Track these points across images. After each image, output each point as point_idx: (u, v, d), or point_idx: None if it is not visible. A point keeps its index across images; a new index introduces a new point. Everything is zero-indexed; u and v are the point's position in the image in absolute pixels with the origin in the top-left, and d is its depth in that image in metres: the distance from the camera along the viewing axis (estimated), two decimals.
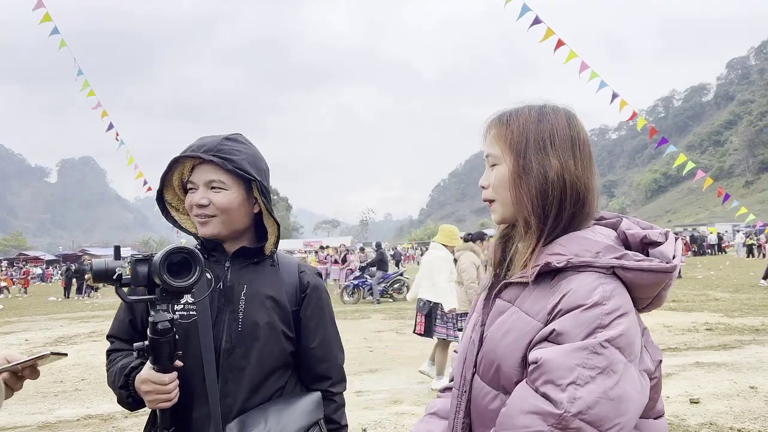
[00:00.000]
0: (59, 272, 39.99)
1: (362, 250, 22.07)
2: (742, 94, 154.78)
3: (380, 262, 17.46)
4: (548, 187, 1.22)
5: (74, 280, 26.52)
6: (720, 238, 42.16)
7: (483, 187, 1.33)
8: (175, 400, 1.50)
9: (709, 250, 40.98)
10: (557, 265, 1.18)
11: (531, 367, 1.13)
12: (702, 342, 8.71)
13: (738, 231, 42.40)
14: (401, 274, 17.87)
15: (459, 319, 6.70)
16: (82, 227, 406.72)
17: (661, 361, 1.26)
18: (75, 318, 16.37)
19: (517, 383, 1.17)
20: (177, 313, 1.60)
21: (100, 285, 29.56)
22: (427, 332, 6.79)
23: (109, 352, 1.74)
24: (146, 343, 1.44)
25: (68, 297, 25.78)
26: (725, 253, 40.57)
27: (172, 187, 1.71)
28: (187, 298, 1.60)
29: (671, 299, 13.45)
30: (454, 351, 1.59)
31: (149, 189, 9.29)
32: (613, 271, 1.17)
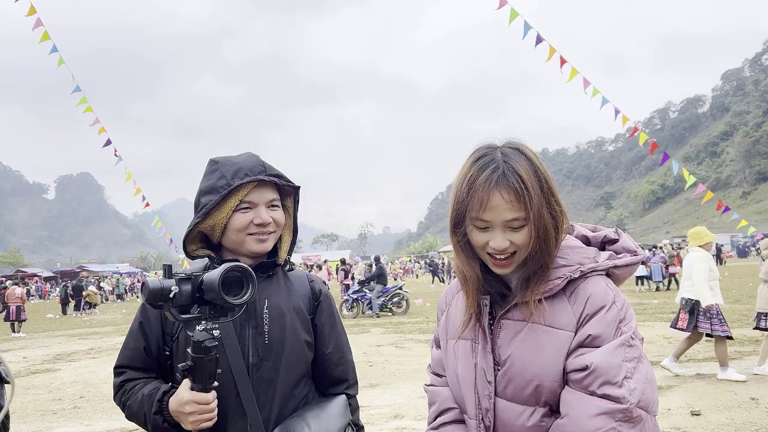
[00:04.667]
0: (57, 289, 39.80)
1: (371, 266, 21.34)
2: (737, 105, 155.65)
3: (380, 276, 17.43)
4: (557, 219, 1.34)
5: (71, 297, 26.42)
6: (719, 249, 42.17)
7: (504, 249, 1.32)
8: (215, 419, 1.51)
9: None
10: (574, 276, 1.31)
11: (580, 374, 1.23)
12: (702, 353, 8.69)
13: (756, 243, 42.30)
14: (400, 288, 17.82)
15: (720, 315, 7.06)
16: (80, 243, 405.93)
17: None
18: (73, 335, 16.30)
19: (559, 394, 1.27)
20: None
21: (99, 302, 29.54)
22: (688, 328, 7.21)
23: (121, 383, 1.70)
24: (189, 362, 1.44)
25: (66, 314, 25.66)
26: (724, 264, 40.56)
27: (214, 214, 1.65)
28: None
29: (671, 311, 13.41)
30: (427, 385, 1.60)
31: (147, 205, 9.31)
32: (607, 271, 1.36)
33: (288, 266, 1.82)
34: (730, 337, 7.08)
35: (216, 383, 1.50)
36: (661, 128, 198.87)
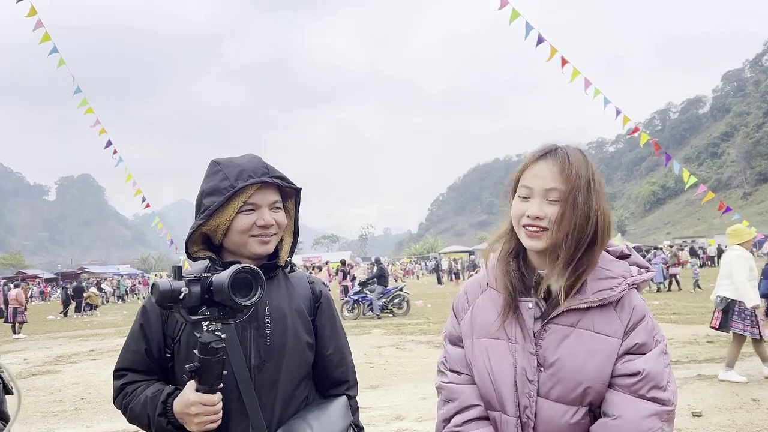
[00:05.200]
0: (58, 291, 39.81)
1: (374, 264, 21.33)
2: (738, 106, 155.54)
3: (380, 278, 17.44)
4: (601, 222, 1.42)
5: (72, 298, 26.40)
6: (720, 250, 42.14)
7: (537, 217, 1.42)
8: (220, 421, 1.52)
9: (709, 262, 40.94)
10: (629, 288, 1.43)
11: (631, 380, 1.36)
12: (703, 354, 8.68)
13: None
14: (401, 289, 17.81)
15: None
16: (80, 245, 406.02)
17: None
18: (74, 336, 16.29)
19: (602, 396, 1.39)
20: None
21: (100, 303, 29.55)
22: (723, 326, 7.10)
23: (122, 386, 1.69)
24: (196, 364, 1.45)
25: (67, 315, 25.67)
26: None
27: (217, 216, 1.66)
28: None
29: (672, 312, 13.43)
30: (444, 382, 1.60)
31: (147, 206, 9.32)
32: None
33: (289, 268, 1.82)
34: (759, 339, 6.93)
35: (221, 384, 1.50)
36: (661, 129, 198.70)
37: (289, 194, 1.79)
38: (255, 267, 1.43)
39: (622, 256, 1.52)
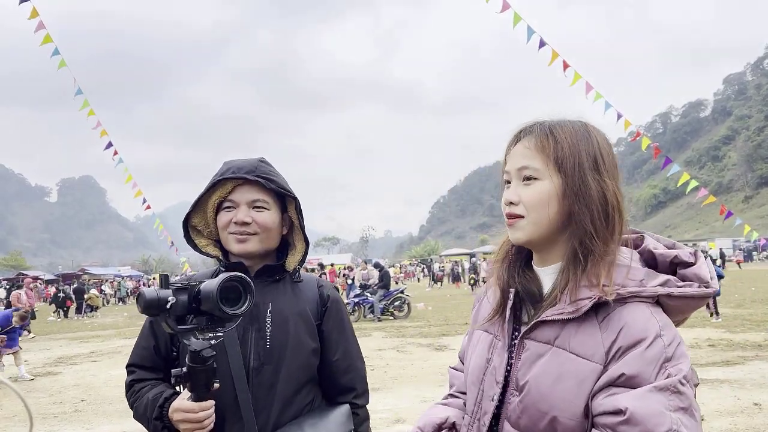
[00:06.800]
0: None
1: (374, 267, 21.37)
2: (739, 109, 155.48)
3: (383, 281, 17.46)
4: (609, 209, 1.14)
5: (69, 300, 26.37)
6: (723, 253, 42.12)
7: (511, 203, 1.20)
8: (210, 428, 1.50)
9: None
10: (606, 298, 1.08)
11: (612, 419, 1.02)
12: (705, 358, 8.66)
13: None
14: (402, 292, 17.80)
15: None
16: (81, 246, 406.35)
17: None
18: (74, 338, 16.29)
19: None
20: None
21: (101, 305, 29.53)
22: None
23: (131, 383, 1.72)
24: (184, 369, 1.43)
25: (67, 317, 25.66)
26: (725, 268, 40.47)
27: (203, 210, 1.73)
28: None
29: None
30: (451, 366, 1.56)
31: (148, 207, 9.30)
32: (657, 299, 1.12)
33: (296, 276, 1.79)
34: None
35: (217, 385, 1.49)
36: (662, 132, 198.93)
37: (291, 202, 1.75)
38: (244, 275, 1.40)
39: (681, 263, 1.16)
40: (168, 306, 1.36)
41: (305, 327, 1.70)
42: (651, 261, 1.19)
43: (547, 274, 1.22)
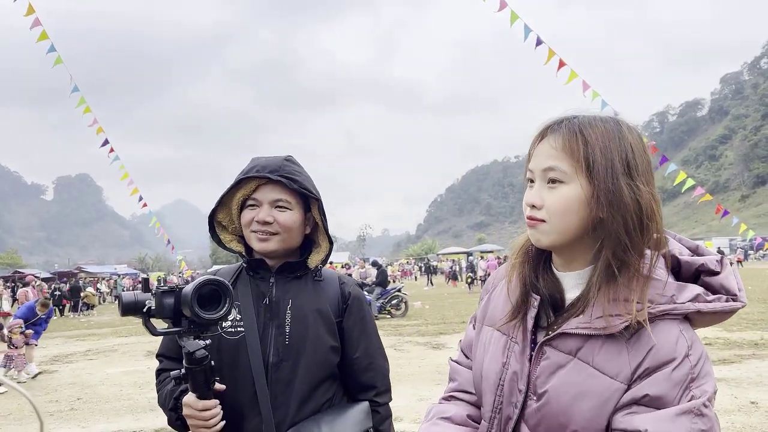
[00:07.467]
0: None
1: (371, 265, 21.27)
2: (736, 108, 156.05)
3: (380, 279, 17.46)
4: (645, 219, 1.06)
5: (65, 298, 26.31)
6: (721, 252, 42.19)
7: (533, 206, 1.13)
8: (218, 428, 1.51)
9: None
10: (639, 319, 1.02)
11: None
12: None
13: None
14: (399, 290, 17.79)
15: None
16: (78, 245, 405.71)
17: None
18: (71, 336, 16.24)
19: None
20: (227, 329, 1.64)
21: (97, 303, 29.48)
22: None
23: (159, 372, 1.77)
24: (182, 371, 1.45)
25: (63, 315, 25.60)
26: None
27: (228, 207, 1.75)
28: (235, 314, 1.64)
29: None
30: (452, 359, 1.49)
31: (144, 205, 9.27)
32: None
33: (317, 274, 1.79)
34: None
35: (222, 387, 1.52)
36: (660, 131, 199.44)
37: (314, 203, 1.76)
38: (222, 279, 1.39)
39: (706, 271, 1.11)
40: (144, 309, 1.38)
41: (324, 324, 1.70)
42: (675, 266, 1.14)
43: (570, 279, 1.16)
